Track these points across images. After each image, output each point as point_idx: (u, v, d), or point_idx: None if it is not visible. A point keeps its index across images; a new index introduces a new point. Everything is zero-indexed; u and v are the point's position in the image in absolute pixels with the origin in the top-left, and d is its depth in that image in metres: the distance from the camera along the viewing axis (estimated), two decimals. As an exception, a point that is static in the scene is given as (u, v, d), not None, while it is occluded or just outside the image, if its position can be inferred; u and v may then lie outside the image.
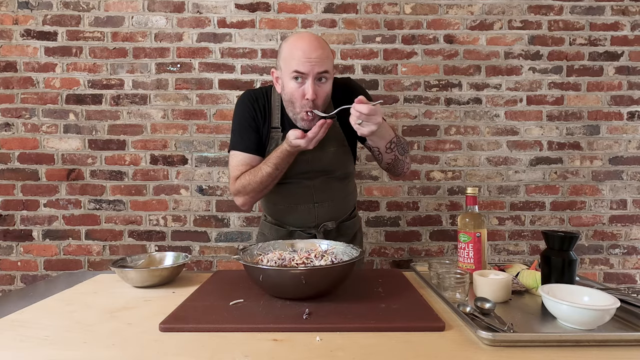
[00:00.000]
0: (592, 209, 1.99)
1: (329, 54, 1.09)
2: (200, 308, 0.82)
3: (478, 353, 0.64)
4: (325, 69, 1.06)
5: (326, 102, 1.12)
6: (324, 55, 1.06)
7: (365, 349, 0.65)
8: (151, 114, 1.95)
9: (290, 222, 1.28)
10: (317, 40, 1.08)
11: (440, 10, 1.96)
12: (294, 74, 1.05)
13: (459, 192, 1.98)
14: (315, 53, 1.04)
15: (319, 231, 1.25)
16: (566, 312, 0.71)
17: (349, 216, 1.33)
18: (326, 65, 1.06)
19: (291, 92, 1.08)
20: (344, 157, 1.24)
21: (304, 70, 1.04)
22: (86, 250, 1.95)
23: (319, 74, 1.05)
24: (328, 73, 1.07)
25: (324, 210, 1.24)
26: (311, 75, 1.04)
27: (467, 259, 1.00)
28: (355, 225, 1.37)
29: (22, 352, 0.66)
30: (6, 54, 1.91)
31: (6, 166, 1.93)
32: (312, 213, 1.24)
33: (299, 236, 1.26)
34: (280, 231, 1.30)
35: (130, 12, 1.93)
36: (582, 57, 1.97)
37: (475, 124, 1.98)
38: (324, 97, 1.09)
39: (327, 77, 1.08)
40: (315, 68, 1.04)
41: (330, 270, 0.84)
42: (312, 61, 1.03)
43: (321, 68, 1.05)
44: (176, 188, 1.96)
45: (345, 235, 1.31)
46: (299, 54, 1.04)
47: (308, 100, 1.06)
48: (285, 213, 1.27)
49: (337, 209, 1.28)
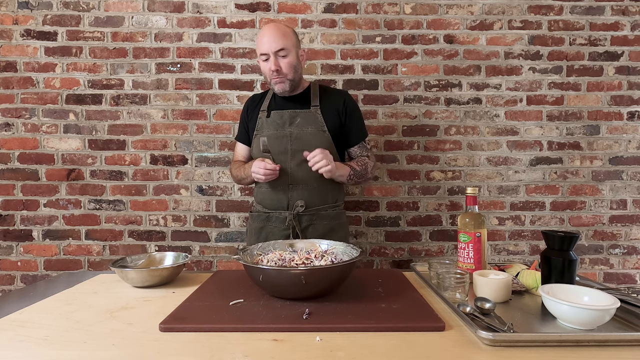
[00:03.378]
0: (592, 209, 1.99)
1: (287, 34, 1.33)
2: (200, 308, 0.82)
3: (478, 353, 0.64)
4: (282, 47, 1.31)
5: (292, 72, 1.35)
6: (279, 36, 1.31)
7: (365, 349, 0.65)
8: (151, 114, 1.95)
9: (269, 203, 1.42)
10: (275, 26, 1.34)
11: (440, 10, 1.96)
12: (262, 56, 1.34)
13: (459, 192, 1.98)
14: (272, 36, 1.31)
15: (292, 212, 1.36)
16: (566, 312, 0.71)
17: (326, 207, 1.41)
18: (282, 44, 1.31)
19: (264, 71, 1.37)
20: (322, 140, 1.37)
21: (264, 51, 1.32)
22: (86, 250, 1.95)
23: (277, 51, 1.31)
24: (286, 49, 1.32)
25: (298, 193, 1.37)
26: (271, 53, 1.31)
27: (467, 259, 1.00)
28: (337, 218, 1.44)
29: (22, 352, 0.66)
30: (6, 54, 1.91)
31: (6, 166, 1.93)
32: (287, 194, 1.37)
33: (275, 220, 1.40)
34: (260, 217, 1.44)
35: (130, 12, 1.93)
36: (582, 57, 1.97)
37: (475, 124, 1.98)
38: (286, 67, 1.33)
39: (286, 52, 1.32)
40: (272, 46, 1.30)
41: (330, 270, 0.84)
42: (269, 42, 1.30)
43: (278, 46, 1.30)
44: (176, 188, 1.96)
45: (321, 225, 1.39)
46: (261, 40, 1.32)
47: (272, 71, 1.32)
48: (264, 195, 1.43)
49: (312, 194, 1.38)
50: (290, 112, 1.38)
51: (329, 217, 1.41)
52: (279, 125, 1.38)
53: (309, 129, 1.37)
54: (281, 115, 1.38)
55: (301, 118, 1.37)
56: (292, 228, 1.37)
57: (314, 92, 1.43)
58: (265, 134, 1.39)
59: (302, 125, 1.37)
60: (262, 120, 1.41)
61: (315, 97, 1.41)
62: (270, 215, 1.41)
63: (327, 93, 1.45)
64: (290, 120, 1.37)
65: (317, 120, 1.38)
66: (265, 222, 1.42)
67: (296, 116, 1.38)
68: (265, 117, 1.41)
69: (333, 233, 1.40)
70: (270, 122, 1.39)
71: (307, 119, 1.37)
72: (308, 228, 1.38)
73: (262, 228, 1.43)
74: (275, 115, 1.39)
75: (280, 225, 1.39)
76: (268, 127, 1.39)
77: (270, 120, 1.40)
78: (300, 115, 1.38)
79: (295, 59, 1.35)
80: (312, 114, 1.38)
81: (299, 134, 1.36)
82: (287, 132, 1.36)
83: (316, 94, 1.42)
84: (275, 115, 1.39)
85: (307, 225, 1.38)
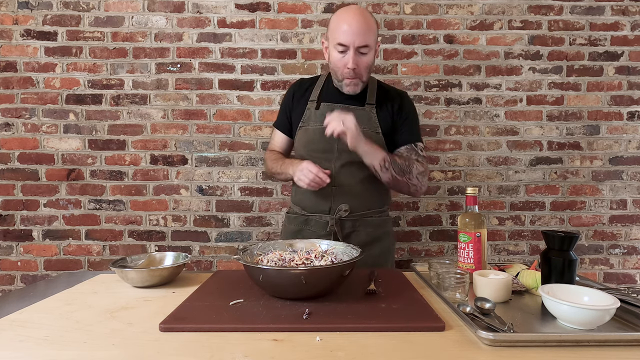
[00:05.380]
0: (592, 209, 1.99)
1: (373, 28, 1.18)
2: (200, 308, 0.82)
3: (478, 353, 0.64)
4: (366, 43, 1.16)
5: (367, 73, 1.22)
6: (366, 29, 1.15)
7: (365, 349, 0.65)
8: (151, 114, 1.95)
9: (308, 205, 1.30)
10: (362, 14, 1.17)
11: (440, 10, 1.96)
12: (338, 46, 1.17)
13: (459, 192, 1.98)
14: (359, 27, 1.14)
15: (334, 217, 1.25)
16: (566, 312, 0.71)
17: (372, 212, 1.30)
18: (367, 40, 1.16)
19: (335, 62, 1.21)
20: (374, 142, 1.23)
21: (346, 42, 1.15)
22: (86, 250, 1.95)
23: (359, 47, 1.15)
24: (368, 47, 1.17)
25: (341, 195, 1.25)
26: (352, 47, 1.15)
27: (467, 259, 1.00)
28: (382, 226, 1.33)
29: (22, 352, 0.66)
30: (6, 54, 1.91)
31: (6, 166, 1.93)
32: (329, 197, 1.26)
33: (315, 224, 1.29)
34: (298, 219, 1.33)
35: (130, 12, 1.93)
36: (582, 57, 1.97)
37: (475, 124, 1.98)
38: (364, 67, 1.19)
39: (368, 50, 1.18)
40: (356, 41, 1.14)
41: (330, 270, 0.84)
42: (354, 34, 1.14)
43: (362, 42, 1.15)
44: (176, 188, 1.96)
45: (365, 233, 1.28)
46: (344, 27, 1.15)
47: (349, 69, 1.17)
48: (304, 195, 1.31)
49: (356, 198, 1.26)
50: (342, 107, 1.23)
51: (374, 225, 1.30)
52: None
53: (360, 128, 1.18)
54: (332, 109, 1.21)
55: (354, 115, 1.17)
56: (332, 234, 1.25)
57: (371, 89, 1.29)
58: (312, 127, 1.26)
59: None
60: (310, 112, 1.28)
61: (372, 95, 1.28)
62: (310, 218, 1.29)
63: (384, 92, 1.32)
64: None
65: (370, 120, 1.25)
66: (303, 225, 1.31)
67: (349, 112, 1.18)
68: (314, 109, 1.27)
69: (377, 243, 1.29)
70: (319, 115, 1.25)
71: (360, 118, 1.19)
72: (350, 235, 1.27)
73: (299, 231, 1.31)
74: (325, 108, 1.26)
75: (320, 230, 1.27)
76: (315, 120, 1.26)
77: (319, 112, 1.26)
78: (354, 112, 1.17)
79: (374, 58, 1.22)
80: (366, 113, 1.26)
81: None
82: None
83: (373, 91, 1.29)
84: (326, 108, 1.25)
85: (350, 232, 1.27)
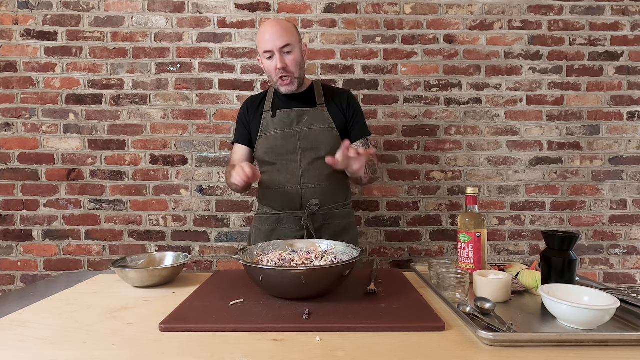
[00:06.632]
0: (592, 209, 1.99)
1: (290, 30, 1.29)
2: (200, 308, 0.82)
3: (478, 353, 0.64)
4: (287, 42, 1.26)
5: (298, 69, 1.32)
6: (283, 32, 1.26)
7: (365, 349, 0.65)
8: (151, 114, 1.95)
9: (278, 205, 1.38)
10: (277, 21, 1.29)
11: (440, 10, 1.96)
12: (265, 54, 1.29)
13: (459, 192, 1.98)
14: (275, 32, 1.26)
15: (305, 212, 1.33)
16: (566, 312, 0.71)
17: (338, 205, 1.40)
18: (287, 39, 1.26)
19: (268, 69, 1.32)
20: (331, 138, 1.35)
21: (269, 48, 1.27)
22: (86, 250, 1.95)
23: (282, 47, 1.26)
24: (291, 45, 1.27)
25: (310, 192, 1.33)
26: (276, 50, 1.26)
27: (467, 259, 1.00)
28: (348, 217, 1.43)
29: (22, 352, 0.66)
30: (6, 54, 1.91)
31: (6, 166, 1.93)
32: (299, 194, 1.34)
33: (287, 221, 1.36)
34: (270, 219, 1.39)
35: (130, 12, 1.93)
36: (582, 57, 1.97)
37: (475, 124, 1.98)
38: (292, 64, 1.29)
39: (291, 48, 1.28)
40: (277, 43, 1.26)
41: (330, 270, 0.84)
42: (273, 39, 1.26)
43: (283, 42, 1.26)
44: (176, 188, 1.96)
45: (334, 225, 1.37)
46: (265, 36, 1.27)
47: (279, 69, 1.28)
48: (274, 196, 1.38)
49: (324, 193, 1.35)
50: (297, 111, 1.36)
51: (342, 216, 1.40)
52: (286, 124, 1.35)
53: (317, 126, 1.35)
54: (288, 114, 1.36)
55: (309, 116, 1.35)
56: (305, 228, 1.34)
57: (318, 91, 1.41)
58: (272, 134, 1.36)
59: (310, 123, 1.35)
60: (268, 121, 1.38)
61: (320, 96, 1.40)
62: (282, 216, 1.37)
63: (330, 91, 1.44)
64: (297, 118, 1.35)
65: (324, 118, 1.36)
66: (276, 224, 1.38)
67: (303, 114, 1.35)
68: (271, 117, 1.37)
69: (345, 232, 1.39)
70: (276, 122, 1.36)
71: (314, 117, 1.35)
72: (322, 228, 1.36)
73: (273, 231, 1.38)
74: (281, 114, 1.37)
75: (294, 226, 1.35)
76: (274, 126, 1.36)
77: (276, 119, 1.36)
78: (308, 114, 1.35)
79: (300, 55, 1.32)
80: (319, 112, 1.37)
81: (308, 132, 1.34)
82: (296, 130, 1.34)
83: (320, 93, 1.41)
84: (282, 114, 1.37)
85: (321, 225, 1.36)
